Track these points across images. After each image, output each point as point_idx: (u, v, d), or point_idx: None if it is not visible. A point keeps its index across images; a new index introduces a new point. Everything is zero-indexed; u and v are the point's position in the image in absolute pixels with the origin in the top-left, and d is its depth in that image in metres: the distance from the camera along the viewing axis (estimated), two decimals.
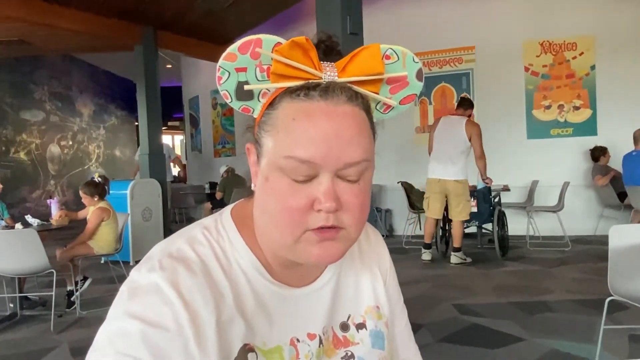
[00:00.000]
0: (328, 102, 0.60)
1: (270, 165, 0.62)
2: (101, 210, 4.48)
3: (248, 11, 7.32)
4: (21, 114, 11.13)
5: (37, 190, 11.30)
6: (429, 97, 7.67)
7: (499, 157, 7.14)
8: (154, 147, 7.72)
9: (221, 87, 0.65)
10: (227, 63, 0.63)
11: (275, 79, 0.63)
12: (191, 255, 0.66)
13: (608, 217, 6.58)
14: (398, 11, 7.64)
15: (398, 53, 0.68)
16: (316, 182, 0.60)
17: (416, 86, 0.70)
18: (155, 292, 0.60)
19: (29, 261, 3.79)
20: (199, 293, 0.62)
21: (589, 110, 6.95)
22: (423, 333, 3.38)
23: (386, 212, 7.70)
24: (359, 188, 0.63)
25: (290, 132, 0.60)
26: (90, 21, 7.02)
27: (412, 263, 5.68)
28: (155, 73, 7.81)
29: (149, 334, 0.57)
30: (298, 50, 0.61)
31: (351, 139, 0.60)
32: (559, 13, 7.00)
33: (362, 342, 0.76)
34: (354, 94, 0.63)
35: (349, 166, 0.60)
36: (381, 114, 0.72)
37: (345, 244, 0.64)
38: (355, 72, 0.63)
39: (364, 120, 0.63)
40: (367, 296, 0.81)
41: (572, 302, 3.96)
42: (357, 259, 0.83)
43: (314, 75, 0.62)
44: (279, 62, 0.62)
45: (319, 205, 0.60)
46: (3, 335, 3.77)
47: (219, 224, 0.72)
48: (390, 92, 0.69)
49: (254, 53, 0.63)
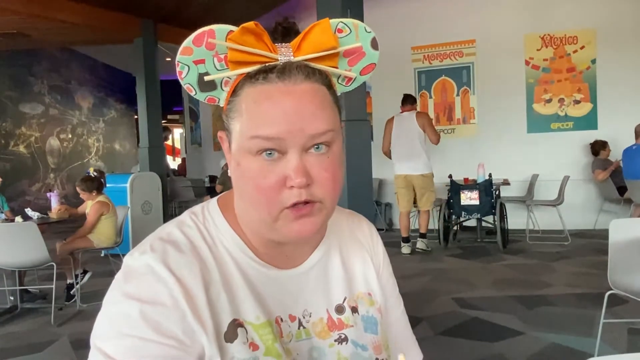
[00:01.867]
0: (286, 82, 0.62)
1: (239, 149, 0.64)
2: (100, 204, 4.48)
3: (248, 3, 7.29)
4: (20, 107, 11.10)
5: (36, 184, 11.30)
6: (430, 91, 7.66)
7: (499, 151, 7.15)
8: (154, 141, 7.71)
9: (183, 81, 0.66)
10: (185, 57, 0.64)
11: (234, 67, 0.64)
12: (180, 236, 0.69)
13: (608, 211, 6.58)
14: (399, 4, 7.60)
15: (349, 25, 0.68)
16: (285, 159, 0.62)
17: (373, 55, 0.71)
18: (148, 273, 0.63)
19: (29, 254, 3.80)
20: (188, 270, 0.65)
21: (589, 104, 6.93)
22: (423, 326, 3.39)
23: (386, 205, 7.70)
24: (328, 161, 0.64)
25: (254, 115, 0.62)
26: (90, 14, 6.98)
27: (411, 257, 5.69)
28: (154, 66, 7.78)
29: (148, 311, 0.60)
30: (250, 36, 0.62)
31: (313, 113, 0.62)
32: (559, 6, 6.98)
33: (355, 325, 0.77)
34: (312, 70, 0.64)
35: (314, 138, 0.62)
36: (344, 86, 0.73)
37: (322, 217, 0.66)
38: (309, 50, 0.64)
39: (324, 95, 0.65)
40: (359, 282, 0.82)
41: (571, 295, 3.97)
42: (347, 244, 0.84)
43: (270, 58, 0.63)
44: (233, 50, 0.62)
45: (290, 181, 0.61)
46: (3, 328, 3.78)
47: (205, 210, 0.75)
48: (348, 65, 0.70)
49: (209, 44, 0.63)
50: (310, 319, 0.74)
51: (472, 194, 5.81)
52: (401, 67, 7.57)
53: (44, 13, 6.53)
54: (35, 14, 6.50)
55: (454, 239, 6.52)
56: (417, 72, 7.70)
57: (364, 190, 3.64)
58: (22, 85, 11.17)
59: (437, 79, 7.62)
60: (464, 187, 5.90)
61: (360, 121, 3.61)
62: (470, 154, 7.16)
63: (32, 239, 3.74)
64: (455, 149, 7.39)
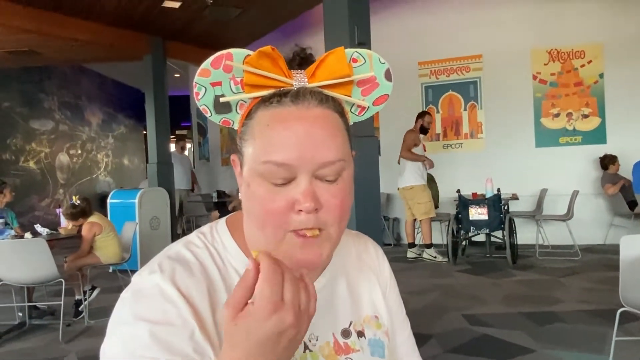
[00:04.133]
0: (299, 107, 0.63)
1: (250, 172, 0.65)
2: (90, 224, 4.43)
3: (255, 21, 7.37)
4: (31, 123, 11.22)
5: (46, 199, 11.36)
6: (437, 106, 7.66)
7: (507, 166, 7.12)
8: (162, 156, 7.75)
9: (199, 102, 0.68)
10: (202, 79, 0.66)
11: (249, 90, 0.65)
12: (189, 256, 0.69)
13: (618, 226, 6.52)
14: (405, 20, 7.65)
15: (364, 56, 0.70)
16: (294, 184, 0.62)
17: (386, 86, 0.72)
18: (158, 293, 0.63)
19: (38, 271, 3.81)
20: (197, 290, 0.65)
21: (597, 118, 6.91)
22: (432, 344, 3.34)
23: (394, 220, 7.67)
24: (338, 188, 0.65)
25: (266, 139, 0.63)
26: (101, 32, 7.09)
27: (420, 272, 5.65)
28: (163, 82, 7.87)
29: (158, 332, 0.60)
30: (266, 60, 0.63)
31: (324, 140, 0.62)
32: (566, 21, 6.99)
33: (362, 350, 0.77)
34: (325, 97, 0.65)
35: (324, 166, 0.62)
36: (357, 116, 0.74)
37: (327, 246, 0.66)
38: (324, 77, 0.65)
39: (336, 122, 0.65)
40: (366, 305, 0.82)
41: (583, 312, 3.92)
42: (354, 268, 0.84)
43: (285, 83, 0.64)
44: (250, 73, 0.64)
45: (298, 205, 0.62)
46: (12, 344, 3.78)
47: (213, 230, 0.75)
48: (362, 95, 0.71)
49: (226, 67, 0.65)
50: (317, 342, 0.74)
51: (480, 209, 5.78)
52: (408, 82, 7.59)
53: (55, 31, 6.65)
54: (47, 33, 6.62)
55: (463, 254, 6.47)
56: (425, 87, 7.72)
57: (372, 205, 3.63)
58: (33, 102, 11.30)
59: (444, 93, 7.63)
60: (472, 202, 5.88)
61: (367, 137, 3.61)
62: (478, 168, 7.13)
63: (41, 255, 3.75)
64: (463, 164, 7.37)
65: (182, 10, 6.74)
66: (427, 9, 7.60)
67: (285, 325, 0.50)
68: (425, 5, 7.61)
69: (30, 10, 6.31)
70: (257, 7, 6.79)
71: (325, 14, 3.48)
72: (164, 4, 6.45)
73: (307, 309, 0.53)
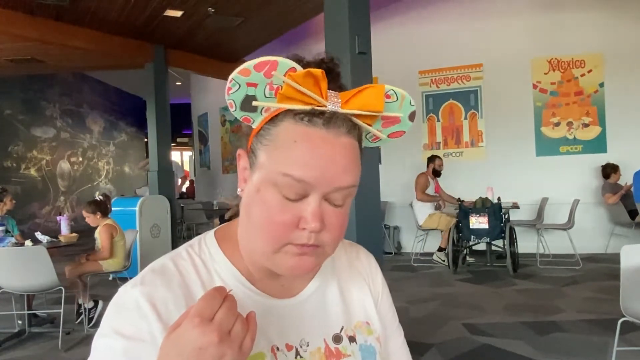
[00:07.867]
0: (329, 132, 0.64)
1: (264, 178, 0.66)
2: (108, 226, 4.49)
3: (257, 30, 7.40)
4: (32, 130, 11.26)
5: (46, 207, 11.37)
6: (437, 115, 7.68)
7: (508, 174, 7.13)
8: (163, 164, 7.77)
9: (229, 96, 0.68)
10: (240, 77, 0.66)
11: (282, 100, 0.66)
12: (172, 269, 0.71)
13: (619, 235, 6.51)
14: (406, 29, 7.69)
15: (398, 94, 0.72)
16: (305, 202, 0.64)
17: (406, 125, 0.75)
18: (134, 308, 0.65)
19: (39, 278, 3.80)
20: (174, 304, 0.67)
21: (598, 128, 6.92)
22: (432, 353, 3.33)
23: (394, 229, 7.66)
24: (342, 211, 0.67)
25: (290, 152, 0.64)
26: (103, 40, 7.13)
27: (420, 281, 5.64)
28: (165, 90, 7.89)
29: (130, 348, 0.63)
30: (310, 80, 0.64)
31: (345, 167, 0.65)
32: (566, 30, 7.02)
33: (353, 355, 0.77)
34: (352, 125, 0.67)
35: (338, 190, 0.65)
36: (370, 142, 0.76)
37: (320, 260, 0.69)
38: (357, 106, 0.66)
39: (356, 151, 0.68)
40: (357, 311, 0.82)
41: (583, 322, 3.90)
42: (345, 274, 0.85)
43: (319, 103, 0.65)
44: (290, 86, 0.64)
45: (304, 224, 0.64)
46: (11, 352, 3.77)
47: (202, 241, 0.77)
48: (382, 126, 0.74)
49: (268, 73, 0.65)
50: (307, 348, 0.75)
51: (481, 217, 5.78)
52: (409, 91, 7.06)
53: (57, 40, 6.67)
54: (50, 41, 6.65)
55: (464, 263, 6.46)
56: (425, 95, 7.73)
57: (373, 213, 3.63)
58: (35, 109, 11.34)
59: (444, 102, 7.65)
60: (473, 211, 5.88)
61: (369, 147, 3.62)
62: (478, 177, 7.14)
63: (41, 263, 3.74)
64: (464, 173, 7.38)
65: (184, 19, 6.78)
66: (428, 18, 7.64)
67: (206, 340, 0.52)
68: (425, 15, 7.65)
69: (32, 18, 6.34)
70: (258, 17, 6.82)
71: (326, 23, 3.49)
72: (166, 13, 6.49)
73: (240, 338, 0.54)
